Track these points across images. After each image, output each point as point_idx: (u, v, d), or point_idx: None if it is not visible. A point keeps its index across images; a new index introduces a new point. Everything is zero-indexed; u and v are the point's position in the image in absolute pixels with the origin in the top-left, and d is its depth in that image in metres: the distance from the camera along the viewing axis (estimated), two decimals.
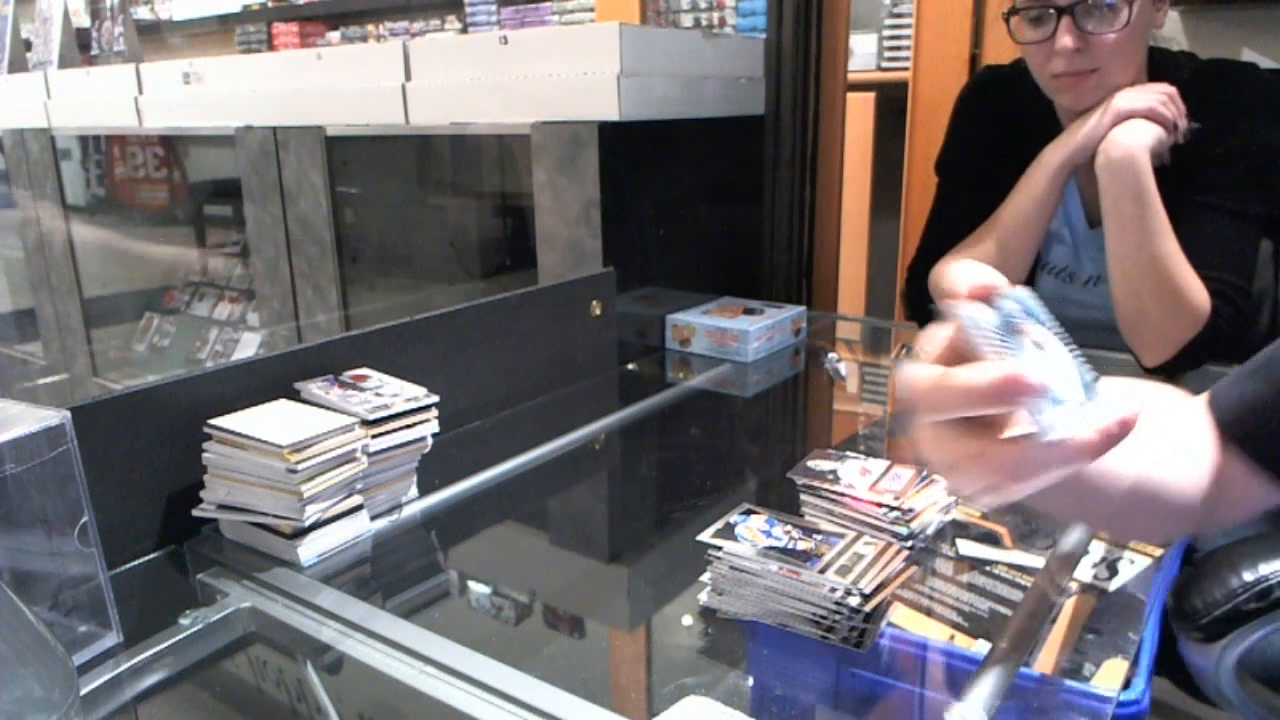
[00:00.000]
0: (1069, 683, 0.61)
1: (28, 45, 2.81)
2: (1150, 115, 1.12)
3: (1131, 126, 1.13)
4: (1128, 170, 1.11)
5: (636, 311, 1.44)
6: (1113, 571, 0.75)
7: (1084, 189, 1.26)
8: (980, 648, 0.66)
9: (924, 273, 1.30)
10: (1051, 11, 1.12)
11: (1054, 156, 1.18)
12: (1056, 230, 1.30)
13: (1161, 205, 1.11)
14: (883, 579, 0.65)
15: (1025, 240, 1.21)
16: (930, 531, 0.80)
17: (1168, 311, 1.12)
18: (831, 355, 1.43)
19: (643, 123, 1.38)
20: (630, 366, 1.42)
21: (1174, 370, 1.16)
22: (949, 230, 1.29)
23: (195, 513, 0.83)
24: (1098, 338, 1.28)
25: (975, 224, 1.25)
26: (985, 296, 0.43)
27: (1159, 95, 1.13)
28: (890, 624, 0.68)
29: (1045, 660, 0.64)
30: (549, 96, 1.41)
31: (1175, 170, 1.16)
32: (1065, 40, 1.11)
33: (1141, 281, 1.13)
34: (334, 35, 4.12)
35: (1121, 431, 0.42)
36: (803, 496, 0.82)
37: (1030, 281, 1.30)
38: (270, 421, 0.81)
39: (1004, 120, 1.31)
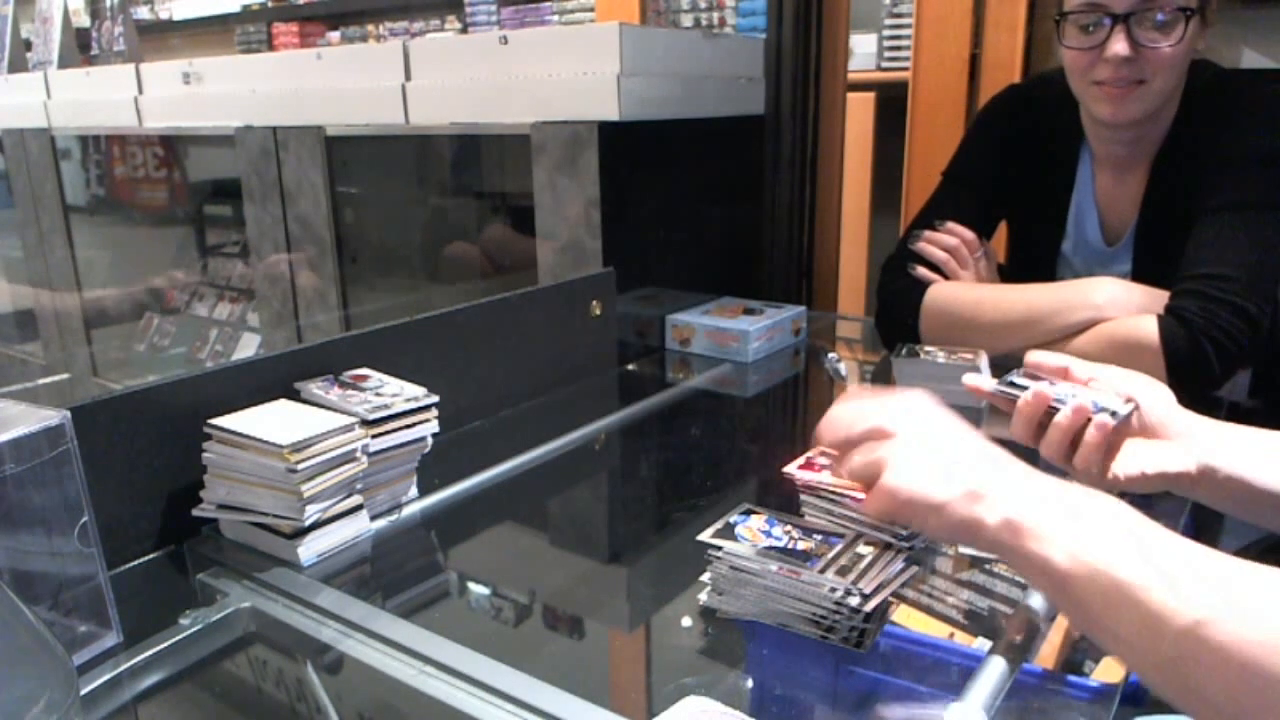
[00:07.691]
0: (1070, 677, 0.62)
1: (28, 45, 2.81)
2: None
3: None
4: None
5: (636, 311, 1.44)
6: None
7: (1102, 209, 1.25)
8: (980, 646, 0.66)
9: (900, 266, 1.28)
10: (1106, 20, 1.09)
11: None
12: (1068, 255, 1.29)
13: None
14: (882, 579, 0.65)
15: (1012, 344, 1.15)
16: None
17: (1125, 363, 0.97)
18: (832, 355, 1.43)
19: (643, 123, 1.38)
20: (630, 366, 1.42)
21: (1210, 388, 1.07)
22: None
23: (195, 513, 0.83)
24: None
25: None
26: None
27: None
28: (891, 622, 0.68)
29: (1046, 656, 0.64)
30: (549, 96, 1.40)
31: (1179, 177, 1.15)
32: (1118, 48, 1.08)
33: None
34: (334, 35, 4.12)
35: None
36: (803, 496, 0.82)
37: None
38: (270, 421, 0.81)
39: (1023, 140, 1.29)
